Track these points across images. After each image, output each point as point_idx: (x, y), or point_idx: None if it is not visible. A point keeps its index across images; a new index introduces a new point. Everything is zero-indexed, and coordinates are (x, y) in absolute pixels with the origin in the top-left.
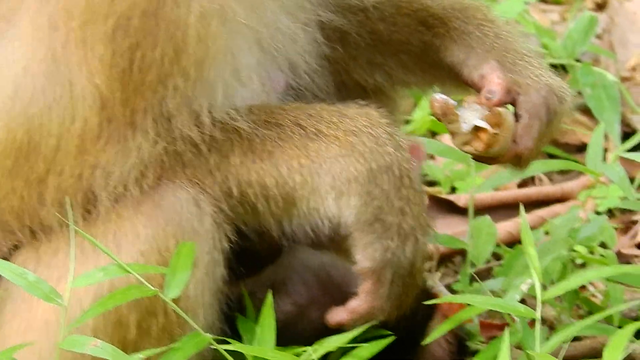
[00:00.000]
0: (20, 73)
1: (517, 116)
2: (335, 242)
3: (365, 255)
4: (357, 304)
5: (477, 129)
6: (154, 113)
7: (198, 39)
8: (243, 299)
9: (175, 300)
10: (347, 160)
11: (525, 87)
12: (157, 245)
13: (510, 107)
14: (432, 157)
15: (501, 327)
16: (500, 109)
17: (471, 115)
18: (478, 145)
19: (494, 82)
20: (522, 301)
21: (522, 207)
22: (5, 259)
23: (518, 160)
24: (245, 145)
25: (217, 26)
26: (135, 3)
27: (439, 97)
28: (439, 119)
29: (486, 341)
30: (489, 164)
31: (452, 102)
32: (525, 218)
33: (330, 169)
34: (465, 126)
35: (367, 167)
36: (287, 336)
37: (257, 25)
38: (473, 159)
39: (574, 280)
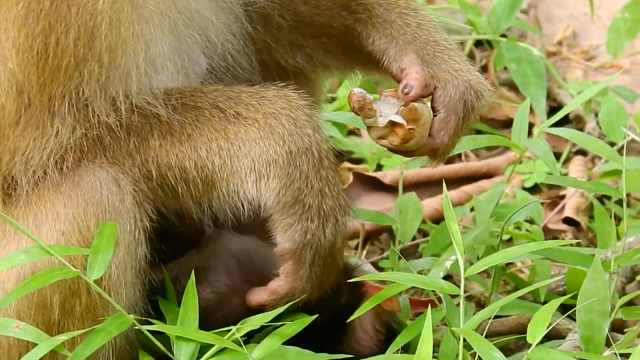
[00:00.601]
0: None
1: (434, 110)
2: (259, 225)
3: (285, 237)
4: (278, 285)
5: (393, 124)
6: (70, 99)
7: (110, 25)
8: (165, 283)
9: (97, 281)
10: (266, 142)
11: (444, 81)
12: (78, 225)
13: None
14: (358, 134)
15: (426, 305)
16: (417, 104)
17: (388, 109)
18: (394, 140)
19: (412, 76)
20: (449, 277)
21: (444, 184)
22: None
23: (434, 154)
24: (164, 128)
25: (128, 12)
26: None
27: (357, 91)
28: (356, 113)
29: (413, 318)
30: (405, 156)
31: (369, 97)
32: (447, 194)
33: (250, 152)
34: (382, 120)
35: (286, 150)
36: (211, 322)
37: (171, 11)
38: (389, 150)
39: (497, 256)
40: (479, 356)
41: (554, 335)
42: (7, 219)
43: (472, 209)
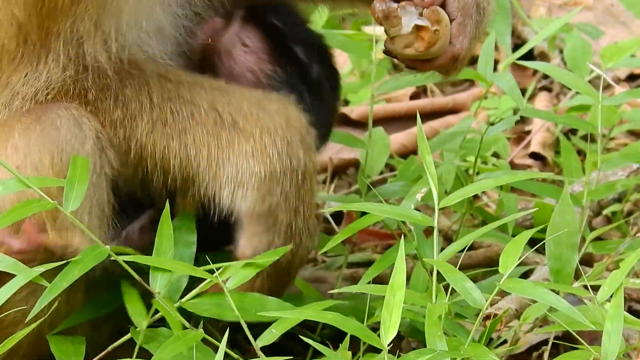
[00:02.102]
0: None
1: (449, 15)
2: None
3: (248, 243)
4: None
5: (418, 28)
6: (65, 36)
7: None
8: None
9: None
10: (256, 159)
11: None
12: (32, 161)
13: None
14: None
15: (393, 236)
16: (436, 7)
17: (407, 17)
18: (420, 45)
19: None
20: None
21: (418, 117)
22: None
23: (454, 62)
24: (155, 114)
25: None
26: None
27: (380, 2)
28: (380, 24)
29: (381, 252)
30: (424, 70)
31: (394, 4)
32: (421, 126)
33: (237, 163)
34: (406, 27)
35: (273, 169)
36: None
37: None
38: (407, 67)
39: (470, 188)
40: (451, 288)
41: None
42: None
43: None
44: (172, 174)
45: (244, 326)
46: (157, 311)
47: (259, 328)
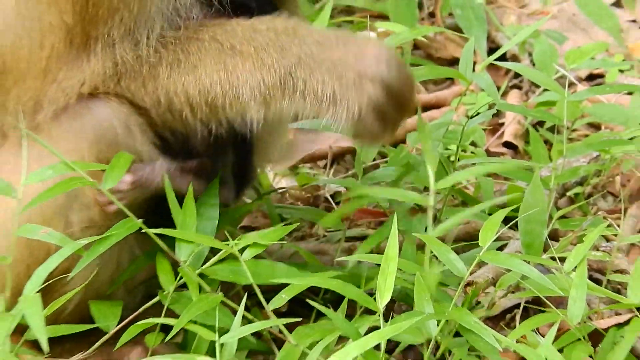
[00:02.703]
0: None
1: None
2: None
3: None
4: None
5: None
6: (103, 40)
7: None
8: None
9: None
10: (261, 73)
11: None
12: (81, 155)
13: None
14: None
15: (385, 214)
16: None
17: None
18: None
19: None
20: None
21: (419, 109)
22: None
23: None
24: (170, 58)
25: None
26: None
27: None
28: None
29: (375, 228)
30: None
31: None
32: (421, 116)
33: (248, 81)
34: None
35: (280, 74)
36: None
37: None
38: None
39: (462, 174)
40: (436, 258)
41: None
42: (38, 140)
43: None
44: (198, 107)
45: (257, 290)
46: (182, 278)
47: (268, 294)
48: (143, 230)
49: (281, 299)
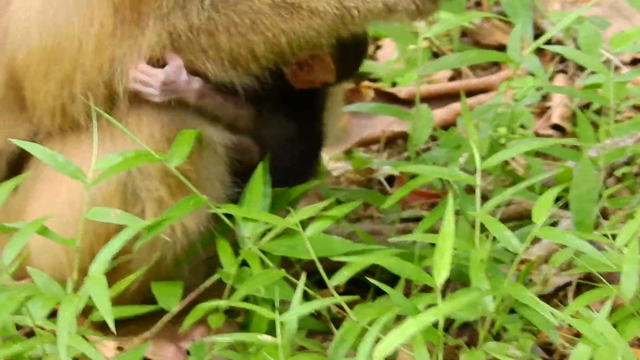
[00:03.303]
0: None
1: None
2: None
3: None
4: None
5: None
6: (154, 13)
7: None
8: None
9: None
10: (319, 16)
11: None
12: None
13: None
14: (375, 57)
15: (438, 196)
16: None
17: None
18: None
19: None
20: None
21: (462, 94)
22: None
23: None
24: (226, 22)
25: None
26: None
27: None
28: None
29: (427, 209)
30: None
31: None
32: (464, 100)
33: (310, 25)
34: None
35: (334, 11)
36: None
37: None
38: None
39: (508, 152)
40: (492, 237)
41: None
42: (115, 122)
43: None
44: (264, 58)
45: (319, 265)
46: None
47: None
48: (210, 209)
49: (343, 276)
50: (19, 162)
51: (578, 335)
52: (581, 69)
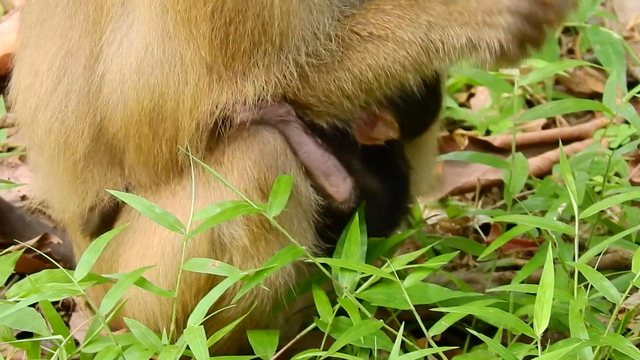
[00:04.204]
0: (141, 51)
1: None
2: None
3: None
4: None
5: None
6: (250, 71)
7: (281, 15)
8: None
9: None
10: (404, 48)
11: None
12: (258, 184)
13: None
14: (468, 106)
15: (534, 244)
16: None
17: None
18: None
19: None
20: None
21: (560, 142)
22: None
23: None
24: (318, 63)
25: (296, 4)
26: None
27: None
28: None
29: (523, 257)
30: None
31: None
32: (562, 149)
33: (396, 59)
34: None
35: (419, 43)
36: None
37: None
38: None
39: (605, 202)
40: (590, 286)
41: None
42: (212, 172)
43: None
44: (354, 96)
45: (417, 316)
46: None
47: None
48: (307, 259)
49: (441, 326)
50: (111, 215)
51: None
52: None
